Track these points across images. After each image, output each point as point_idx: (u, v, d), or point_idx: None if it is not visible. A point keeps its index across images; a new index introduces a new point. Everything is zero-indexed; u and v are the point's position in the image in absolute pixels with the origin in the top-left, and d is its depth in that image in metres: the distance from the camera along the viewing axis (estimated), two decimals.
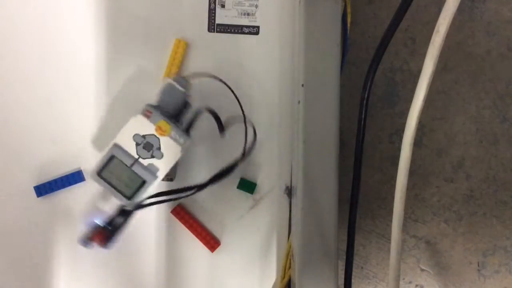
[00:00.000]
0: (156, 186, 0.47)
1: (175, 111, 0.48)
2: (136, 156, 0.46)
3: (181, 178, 0.53)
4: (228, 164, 0.48)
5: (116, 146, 0.46)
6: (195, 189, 0.48)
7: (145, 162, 0.46)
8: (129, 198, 0.47)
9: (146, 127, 0.46)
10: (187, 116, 0.49)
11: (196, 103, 0.49)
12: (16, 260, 0.53)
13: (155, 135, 0.46)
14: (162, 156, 0.46)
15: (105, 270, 0.54)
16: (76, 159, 0.53)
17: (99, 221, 0.47)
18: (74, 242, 0.53)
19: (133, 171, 0.46)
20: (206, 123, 0.50)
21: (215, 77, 0.50)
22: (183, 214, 0.53)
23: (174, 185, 0.51)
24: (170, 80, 0.48)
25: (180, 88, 0.48)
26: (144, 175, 0.46)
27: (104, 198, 0.48)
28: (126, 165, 0.46)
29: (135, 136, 0.46)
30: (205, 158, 0.53)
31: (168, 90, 0.48)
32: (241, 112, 0.50)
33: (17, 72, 0.52)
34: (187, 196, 0.48)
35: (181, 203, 0.53)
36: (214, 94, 0.52)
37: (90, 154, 0.53)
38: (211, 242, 0.53)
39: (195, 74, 0.50)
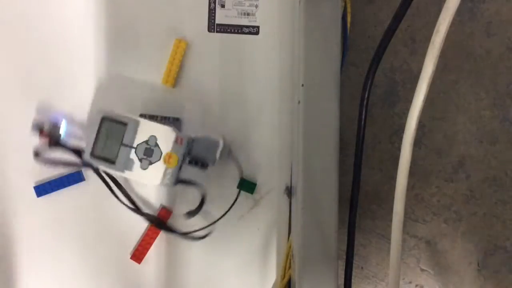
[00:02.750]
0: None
1: (195, 159, 0.49)
2: (135, 146, 0.46)
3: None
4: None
5: (133, 120, 0.46)
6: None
7: (133, 155, 0.46)
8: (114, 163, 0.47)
9: (165, 142, 0.46)
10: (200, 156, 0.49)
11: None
12: (16, 260, 0.53)
13: (162, 157, 0.46)
14: (146, 169, 0.47)
15: (105, 270, 0.54)
16: (76, 159, 0.53)
17: (55, 120, 0.48)
18: (74, 242, 0.54)
19: (120, 150, 0.46)
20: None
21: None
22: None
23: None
24: (220, 140, 0.49)
25: (218, 142, 0.48)
26: (123, 159, 0.46)
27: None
28: (120, 140, 0.46)
29: (151, 137, 0.46)
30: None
31: (204, 142, 0.48)
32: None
33: (17, 71, 0.52)
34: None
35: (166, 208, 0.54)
36: (205, 92, 0.52)
37: None
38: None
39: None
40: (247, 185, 0.53)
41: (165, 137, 0.47)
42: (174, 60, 0.52)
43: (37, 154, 0.49)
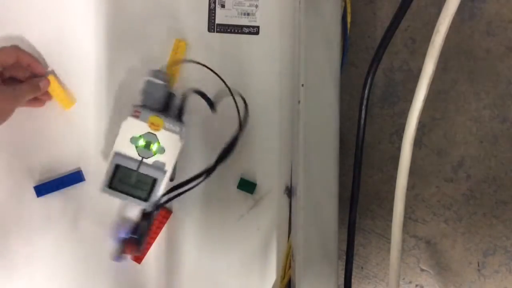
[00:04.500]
0: (168, 180, 0.47)
1: (162, 104, 0.49)
2: (139, 158, 0.46)
3: (184, 172, 0.53)
4: (229, 140, 0.48)
5: (117, 154, 0.46)
6: (205, 174, 0.48)
7: (150, 161, 0.47)
8: (145, 200, 0.47)
9: (139, 127, 0.46)
10: (175, 105, 0.49)
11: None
12: (16, 260, 0.53)
13: (151, 132, 0.46)
14: (164, 150, 0.47)
15: (105, 270, 0.54)
16: (76, 159, 0.53)
17: (125, 233, 0.47)
18: (74, 242, 0.54)
19: (141, 173, 0.46)
20: (196, 110, 0.51)
21: (192, 61, 0.50)
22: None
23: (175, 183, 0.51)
24: (148, 77, 0.48)
25: (160, 82, 0.48)
26: (153, 173, 0.46)
27: (123, 208, 0.48)
28: (132, 170, 0.46)
29: (132, 139, 0.46)
30: (204, 146, 0.53)
31: (149, 87, 0.48)
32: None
33: None
34: (199, 183, 0.48)
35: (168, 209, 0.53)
36: (203, 82, 0.52)
37: (90, 154, 0.53)
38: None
39: (173, 62, 0.50)
40: (247, 185, 0.53)
41: (133, 125, 0.46)
42: (174, 60, 0.52)
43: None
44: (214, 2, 0.53)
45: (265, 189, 0.54)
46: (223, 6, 0.53)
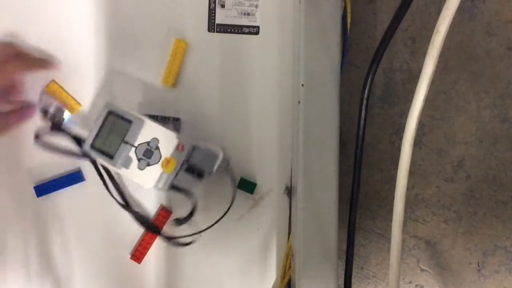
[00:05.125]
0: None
1: (192, 167, 0.48)
2: (136, 145, 0.46)
3: None
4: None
5: (138, 119, 0.46)
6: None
7: (132, 154, 0.46)
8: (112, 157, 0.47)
9: (166, 147, 0.46)
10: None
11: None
12: (15, 260, 0.53)
13: (160, 161, 0.46)
14: (142, 169, 0.46)
15: (105, 270, 0.54)
16: (76, 159, 0.53)
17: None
18: (74, 242, 0.54)
19: (120, 146, 0.46)
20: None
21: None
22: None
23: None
24: (221, 153, 0.48)
25: (220, 163, 0.48)
26: (122, 156, 0.46)
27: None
28: (123, 136, 0.46)
29: (153, 140, 0.46)
30: None
31: (209, 157, 0.48)
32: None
33: None
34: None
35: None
36: (197, 82, 0.52)
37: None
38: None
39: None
40: (247, 185, 0.53)
41: (167, 141, 0.46)
42: (174, 60, 0.52)
43: (37, 136, 0.48)
44: (214, 2, 0.53)
45: (265, 189, 0.54)
46: (223, 6, 0.53)
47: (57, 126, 0.48)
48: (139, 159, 0.46)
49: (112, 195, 0.51)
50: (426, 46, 0.40)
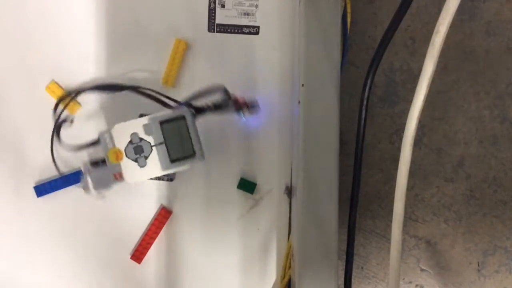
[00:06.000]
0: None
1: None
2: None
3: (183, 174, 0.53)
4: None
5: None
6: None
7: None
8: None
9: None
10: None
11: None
12: (15, 260, 0.53)
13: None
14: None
15: (105, 270, 0.54)
16: (76, 159, 0.53)
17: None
18: (74, 242, 0.54)
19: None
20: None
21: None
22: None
23: (175, 184, 0.51)
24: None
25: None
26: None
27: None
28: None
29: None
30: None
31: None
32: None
33: (16, 72, 0.52)
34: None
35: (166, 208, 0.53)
36: (197, 81, 0.52)
37: (90, 154, 0.53)
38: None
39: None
40: (247, 185, 0.53)
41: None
42: (174, 60, 0.52)
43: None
44: (214, 2, 0.53)
45: (265, 189, 0.54)
46: (223, 6, 0.53)
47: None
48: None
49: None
50: (426, 46, 0.40)
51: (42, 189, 0.52)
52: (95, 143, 0.47)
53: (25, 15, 0.52)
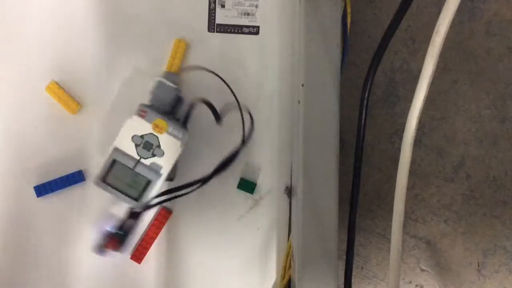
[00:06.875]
0: (161, 184, 0.47)
1: (169, 108, 0.49)
2: (138, 157, 0.46)
3: (182, 175, 0.53)
4: (229, 153, 0.48)
5: (116, 149, 0.46)
6: (200, 182, 0.48)
7: (147, 161, 0.47)
8: (136, 199, 0.47)
9: (143, 127, 0.46)
10: (182, 110, 0.49)
11: (190, 97, 0.49)
12: (16, 260, 0.53)
13: (153, 134, 0.46)
14: (163, 153, 0.47)
15: (105, 270, 0.54)
16: (76, 159, 0.53)
17: (110, 227, 0.47)
18: (74, 242, 0.54)
19: (137, 172, 0.46)
20: (202, 117, 0.50)
21: (206, 69, 0.50)
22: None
23: (175, 184, 0.51)
24: (160, 78, 0.48)
25: (171, 84, 0.48)
26: (148, 174, 0.46)
27: (112, 203, 0.48)
28: (129, 167, 0.46)
29: (134, 137, 0.46)
30: (204, 153, 0.53)
31: (159, 88, 0.48)
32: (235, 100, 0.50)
33: (16, 72, 0.52)
34: (193, 191, 0.48)
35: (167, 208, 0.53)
36: (207, 87, 0.52)
37: (90, 154, 0.53)
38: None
39: (186, 68, 0.50)
40: (247, 185, 0.53)
41: (137, 124, 0.46)
42: (174, 60, 0.52)
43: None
44: (214, 2, 0.53)
45: (265, 189, 0.54)
46: (223, 6, 0.53)
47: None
48: (153, 155, 0.47)
49: None
50: (426, 46, 0.40)
51: (42, 189, 0.52)
52: None
53: (25, 15, 0.52)
